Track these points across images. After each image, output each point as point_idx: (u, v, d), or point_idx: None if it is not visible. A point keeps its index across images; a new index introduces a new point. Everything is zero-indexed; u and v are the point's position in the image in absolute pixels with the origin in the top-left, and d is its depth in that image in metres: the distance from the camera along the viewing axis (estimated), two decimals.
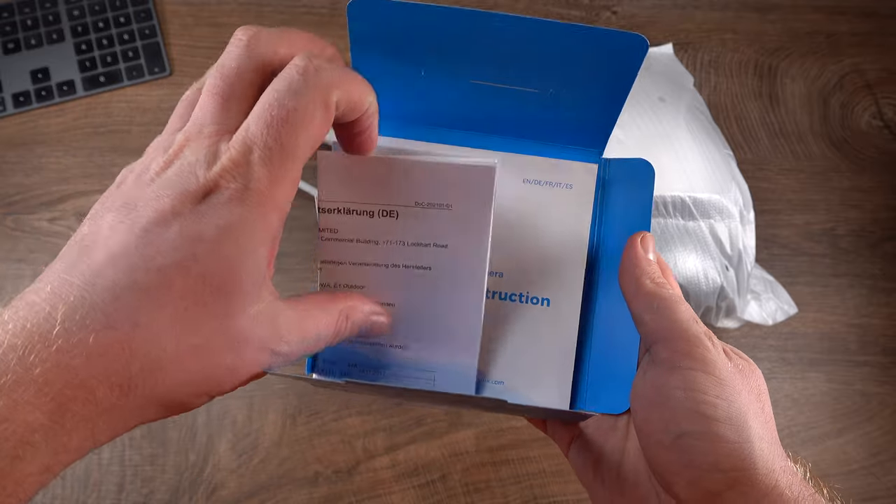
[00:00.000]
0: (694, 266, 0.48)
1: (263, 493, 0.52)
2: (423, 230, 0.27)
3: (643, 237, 0.27)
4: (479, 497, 0.52)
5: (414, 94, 0.29)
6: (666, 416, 0.23)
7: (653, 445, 0.24)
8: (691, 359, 0.23)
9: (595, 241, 0.31)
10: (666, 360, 0.24)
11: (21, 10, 0.63)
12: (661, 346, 0.24)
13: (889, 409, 0.57)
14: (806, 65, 0.67)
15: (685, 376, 0.23)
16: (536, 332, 0.30)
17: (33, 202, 0.58)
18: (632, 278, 0.26)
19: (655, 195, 0.47)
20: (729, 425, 0.22)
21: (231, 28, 0.73)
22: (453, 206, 0.26)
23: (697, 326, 0.24)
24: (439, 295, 0.27)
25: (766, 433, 0.23)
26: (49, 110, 0.61)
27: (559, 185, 0.30)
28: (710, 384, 0.23)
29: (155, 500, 0.51)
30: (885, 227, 0.62)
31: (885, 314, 0.60)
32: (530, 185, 0.30)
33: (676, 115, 0.50)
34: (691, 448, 0.22)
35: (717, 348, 0.24)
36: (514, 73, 0.27)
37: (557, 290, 0.30)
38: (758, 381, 0.25)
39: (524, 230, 0.30)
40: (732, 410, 0.23)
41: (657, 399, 0.24)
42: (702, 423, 0.22)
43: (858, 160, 0.64)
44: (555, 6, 0.67)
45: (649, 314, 0.25)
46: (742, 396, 0.23)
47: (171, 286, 0.19)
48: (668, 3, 0.68)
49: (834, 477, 0.54)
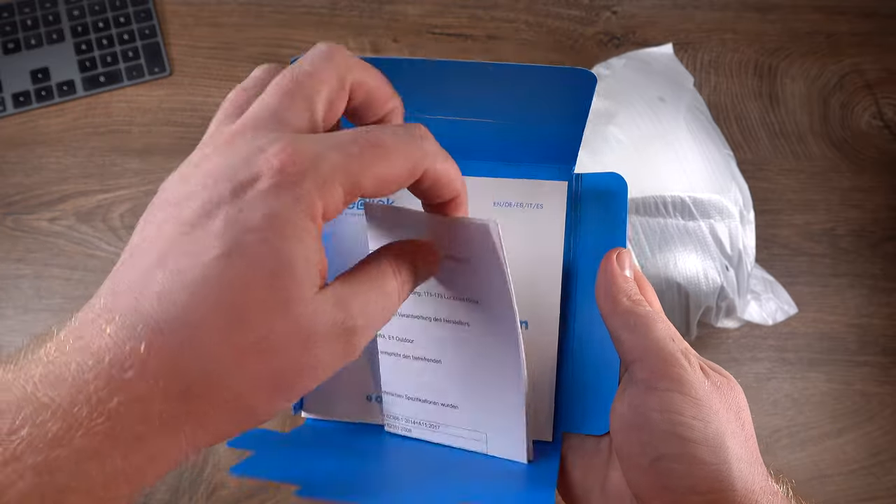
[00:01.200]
0: (694, 266, 0.48)
1: (263, 493, 0.52)
2: (456, 283, 0.26)
3: (619, 253, 0.26)
4: None
5: None
6: (643, 438, 0.23)
7: (632, 468, 0.24)
8: (668, 379, 0.23)
9: (569, 258, 0.30)
10: (643, 381, 0.24)
11: (21, 10, 0.63)
12: (638, 365, 0.24)
13: (889, 409, 0.57)
14: (806, 65, 0.67)
15: (662, 397, 0.23)
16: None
17: (33, 202, 0.58)
18: (608, 296, 0.26)
19: (656, 195, 0.47)
20: (706, 447, 0.22)
21: (231, 28, 0.72)
22: (471, 260, 0.25)
23: (674, 345, 0.24)
24: (481, 353, 0.27)
25: (745, 453, 0.23)
26: (49, 110, 0.61)
27: (529, 205, 0.30)
28: (687, 405, 0.23)
29: (155, 500, 0.51)
30: (885, 227, 0.62)
31: (885, 314, 0.60)
32: (501, 207, 0.30)
33: (676, 115, 0.50)
34: (668, 471, 0.22)
35: (693, 367, 0.24)
36: (476, 109, 0.27)
37: (534, 312, 0.29)
38: (737, 397, 0.24)
39: None
40: (709, 431, 0.22)
41: (635, 421, 0.23)
42: (678, 445, 0.22)
43: (858, 160, 0.64)
44: (554, 6, 0.67)
45: (626, 333, 0.25)
46: (720, 416, 0.23)
47: (221, 279, 0.17)
48: (668, 3, 0.68)
49: (834, 477, 0.54)
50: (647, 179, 0.47)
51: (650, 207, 0.47)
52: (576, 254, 0.30)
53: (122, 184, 0.59)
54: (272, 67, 0.22)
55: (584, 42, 0.66)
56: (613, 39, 0.66)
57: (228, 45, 0.63)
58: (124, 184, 0.59)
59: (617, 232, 0.29)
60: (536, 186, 0.30)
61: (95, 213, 0.58)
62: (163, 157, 0.59)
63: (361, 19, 0.64)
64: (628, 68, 0.54)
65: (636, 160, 0.47)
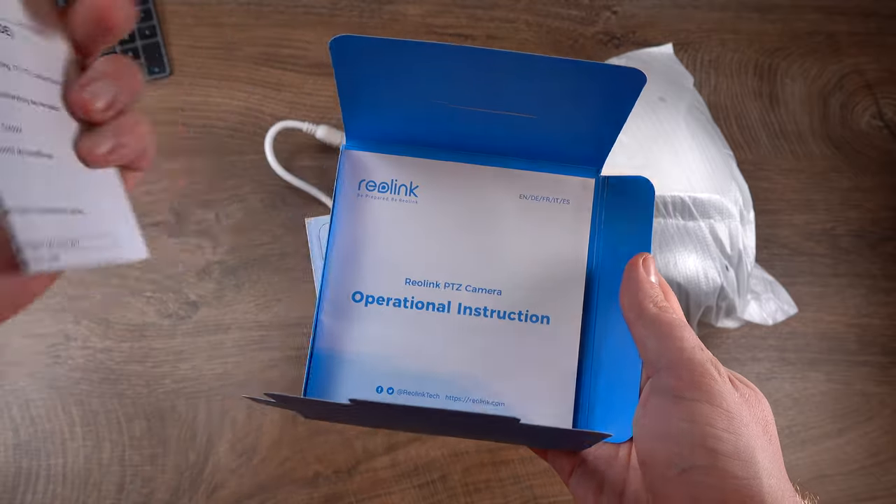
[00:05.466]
0: (694, 266, 0.48)
1: (263, 493, 0.52)
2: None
3: (644, 258, 0.26)
4: (479, 497, 0.52)
5: (405, 119, 0.29)
6: (671, 448, 0.22)
7: (657, 478, 0.23)
8: (697, 389, 0.22)
9: (593, 259, 0.30)
10: (670, 390, 0.23)
11: None
12: (665, 373, 0.23)
13: (889, 409, 0.57)
14: (806, 65, 0.67)
15: (691, 408, 0.22)
16: (536, 351, 0.29)
17: None
18: (634, 301, 0.25)
19: (656, 195, 0.47)
20: (737, 460, 0.21)
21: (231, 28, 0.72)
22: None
23: (703, 354, 0.23)
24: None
25: (774, 468, 0.22)
26: None
27: (556, 200, 0.30)
28: (718, 416, 0.22)
29: (155, 500, 0.51)
30: (885, 227, 0.62)
31: (885, 314, 0.60)
32: (527, 200, 0.30)
33: (676, 115, 0.50)
34: (698, 483, 0.22)
35: (723, 378, 0.23)
36: (510, 102, 0.27)
37: (557, 308, 0.29)
38: (764, 410, 0.24)
39: (521, 247, 0.30)
40: (740, 444, 0.22)
41: (662, 430, 0.23)
42: (709, 457, 0.22)
43: (858, 160, 0.64)
44: (554, 6, 0.67)
45: (652, 340, 0.24)
46: (750, 429, 0.22)
47: None
48: (668, 3, 0.68)
49: (834, 477, 0.54)
50: None
51: None
52: (600, 254, 0.30)
53: None
54: None
55: (584, 42, 0.66)
56: (613, 39, 0.66)
57: (228, 45, 0.63)
58: None
59: (643, 236, 0.29)
60: (564, 182, 0.30)
61: None
62: (163, 158, 0.59)
63: (361, 19, 0.64)
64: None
65: (636, 160, 0.47)
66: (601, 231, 0.30)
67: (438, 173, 0.30)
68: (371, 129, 0.29)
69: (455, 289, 0.29)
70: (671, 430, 0.23)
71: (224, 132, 0.60)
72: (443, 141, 0.30)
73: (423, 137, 0.30)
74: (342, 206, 0.30)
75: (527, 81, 0.25)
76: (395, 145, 0.30)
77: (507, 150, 0.30)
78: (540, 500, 0.53)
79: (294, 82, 0.62)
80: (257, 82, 0.62)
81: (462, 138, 0.30)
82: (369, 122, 0.29)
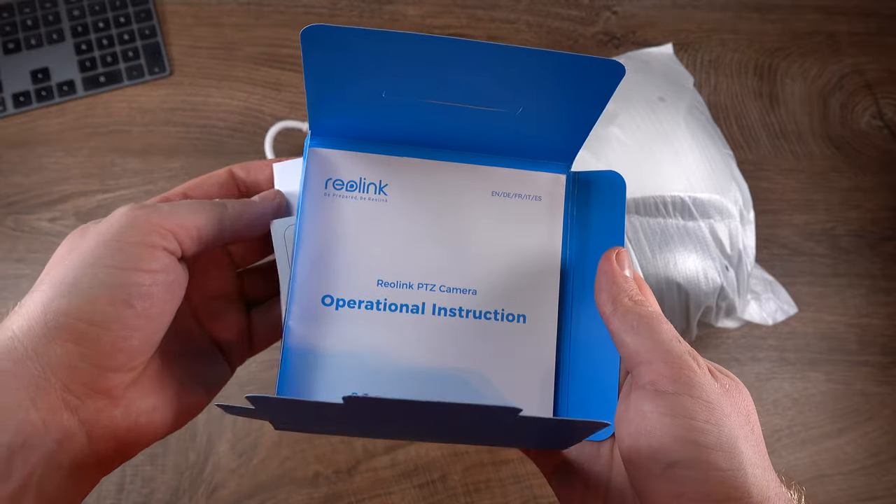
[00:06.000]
0: (694, 266, 0.47)
1: (263, 493, 0.52)
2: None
3: (618, 252, 0.26)
4: (479, 497, 0.52)
5: (373, 114, 0.28)
6: (654, 444, 0.22)
7: (641, 475, 0.23)
8: (677, 382, 0.22)
9: (567, 255, 0.29)
10: (650, 384, 0.23)
11: (21, 10, 0.63)
12: (644, 368, 0.23)
13: (889, 409, 0.57)
14: (806, 65, 0.67)
15: (671, 401, 0.22)
16: (513, 351, 0.28)
17: (33, 202, 0.58)
18: (608, 296, 0.25)
19: (656, 195, 0.47)
20: (720, 452, 0.21)
21: (231, 28, 0.72)
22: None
23: (681, 346, 0.23)
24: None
25: (758, 458, 0.22)
26: (49, 110, 0.61)
27: (528, 197, 0.30)
28: (699, 408, 0.22)
29: (155, 500, 0.51)
30: (885, 227, 0.62)
31: (885, 314, 0.60)
32: (499, 197, 0.30)
33: (676, 115, 0.50)
34: (682, 477, 0.21)
35: (702, 369, 0.23)
36: (481, 96, 0.26)
37: (533, 307, 0.29)
38: (745, 400, 0.24)
39: (495, 245, 0.29)
40: (723, 436, 0.21)
41: (643, 426, 0.23)
42: (692, 450, 0.21)
43: (858, 160, 0.64)
44: (554, 6, 0.67)
45: (629, 335, 0.24)
46: (731, 420, 0.22)
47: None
48: (668, 3, 0.68)
49: (834, 477, 0.54)
50: (647, 179, 0.47)
51: (650, 207, 0.47)
52: (573, 250, 0.30)
53: (122, 184, 0.59)
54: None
55: (584, 42, 0.66)
56: (613, 39, 0.66)
57: (228, 45, 0.63)
58: (124, 184, 0.59)
59: (615, 230, 0.28)
60: (535, 178, 0.30)
61: (96, 214, 0.58)
62: (163, 158, 0.59)
63: (361, 19, 0.64)
64: (628, 68, 0.54)
65: (636, 160, 0.47)
66: (574, 227, 0.30)
67: (408, 171, 0.29)
68: (338, 125, 0.29)
69: (429, 289, 0.28)
70: (653, 425, 0.22)
71: (224, 132, 0.60)
72: (412, 137, 0.29)
73: (391, 134, 0.29)
74: (309, 206, 0.29)
75: (501, 73, 0.25)
76: (363, 142, 0.29)
77: (477, 146, 0.29)
78: (540, 500, 0.53)
79: (294, 82, 0.62)
80: (257, 82, 0.62)
81: (432, 135, 0.29)
82: (336, 118, 0.28)
